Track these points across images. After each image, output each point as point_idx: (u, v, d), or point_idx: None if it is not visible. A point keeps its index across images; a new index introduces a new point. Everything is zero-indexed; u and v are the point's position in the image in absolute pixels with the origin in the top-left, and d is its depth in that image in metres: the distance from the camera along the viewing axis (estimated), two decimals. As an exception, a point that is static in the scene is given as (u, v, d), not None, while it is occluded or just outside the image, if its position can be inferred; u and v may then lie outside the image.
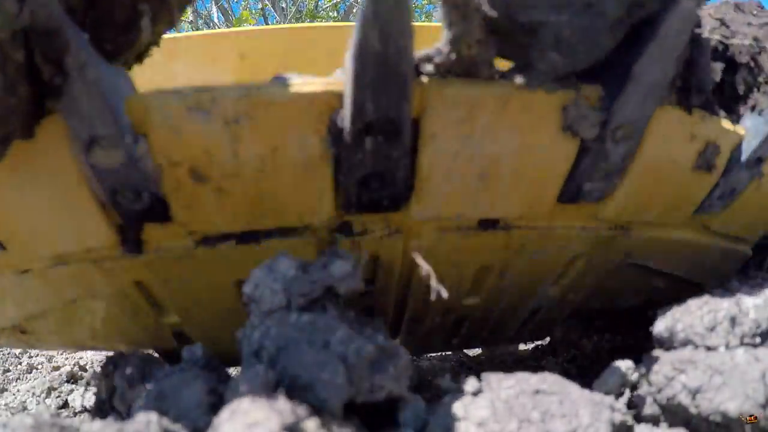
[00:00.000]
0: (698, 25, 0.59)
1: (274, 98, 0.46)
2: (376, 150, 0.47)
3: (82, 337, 0.88)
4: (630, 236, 0.74)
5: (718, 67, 0.66)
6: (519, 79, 0.51)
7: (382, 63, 0.42)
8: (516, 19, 0.49)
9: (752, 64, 0.66)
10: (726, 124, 0.63)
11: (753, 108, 0.65)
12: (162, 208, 0.52)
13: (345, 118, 0.47)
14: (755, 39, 0.66)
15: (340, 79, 0.48)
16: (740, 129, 0.65)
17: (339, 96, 0.47)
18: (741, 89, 0.67)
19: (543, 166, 0.56)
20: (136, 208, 0.50)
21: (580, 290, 0.86)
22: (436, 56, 0.49)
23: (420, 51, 0.50)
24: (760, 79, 0.68)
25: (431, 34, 0.50)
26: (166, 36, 0.53)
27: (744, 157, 0.65)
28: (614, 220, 0.69)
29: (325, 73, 0.49)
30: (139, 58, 0.53)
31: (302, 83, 0.48)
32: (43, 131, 0.46)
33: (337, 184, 0.52)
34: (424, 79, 0.50)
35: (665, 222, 0.74)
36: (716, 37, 0.66)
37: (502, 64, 0.55)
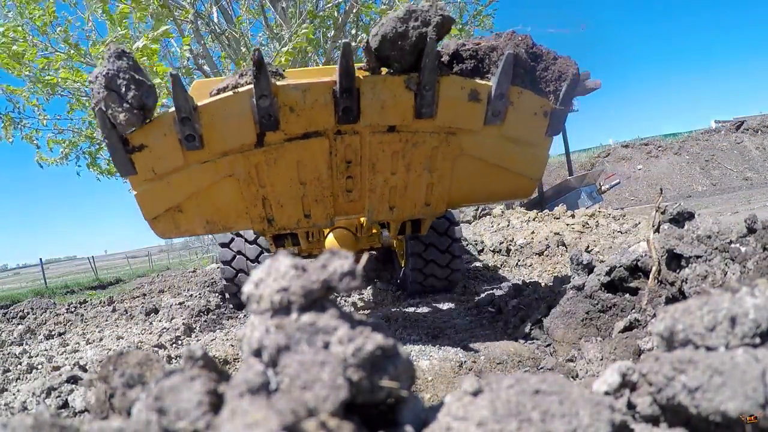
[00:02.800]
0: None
1: None
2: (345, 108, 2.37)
3: (211, 211, 2.55)
4: (459, 138, 2.60)
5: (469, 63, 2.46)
6: None
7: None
8: None
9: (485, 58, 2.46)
10: (482, 80, 2.42)
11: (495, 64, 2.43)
12: (276, 125, 2.35)
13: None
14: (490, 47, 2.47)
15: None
16: (489, 82, 2.42)
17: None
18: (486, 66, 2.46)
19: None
20: (266, 123, 2.32)
21: (446, 174, 2.73)
22: None
23: None
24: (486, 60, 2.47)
25: None
26: None
27: (494, 94, 2.41)
28: (443, 127, 2.53)
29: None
30: None
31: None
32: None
33: (337, 114, 2.39)
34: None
35: (472, 128, 2.54)
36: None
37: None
